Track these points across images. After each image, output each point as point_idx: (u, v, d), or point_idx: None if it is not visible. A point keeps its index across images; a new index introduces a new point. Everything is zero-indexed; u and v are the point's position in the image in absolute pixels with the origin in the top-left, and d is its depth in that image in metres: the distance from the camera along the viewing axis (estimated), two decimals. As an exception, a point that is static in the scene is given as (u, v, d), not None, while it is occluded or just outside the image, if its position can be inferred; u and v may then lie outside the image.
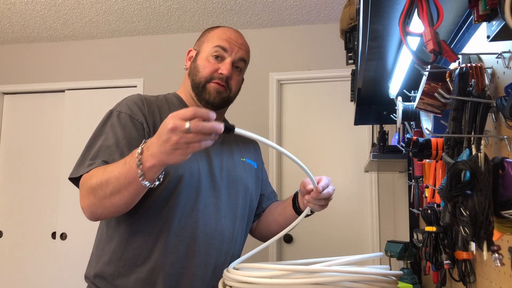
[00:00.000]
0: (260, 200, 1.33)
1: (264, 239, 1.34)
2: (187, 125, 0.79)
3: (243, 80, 1.30)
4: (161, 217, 1.07)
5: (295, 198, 1.21)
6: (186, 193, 1.08)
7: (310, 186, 1.08)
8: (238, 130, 0.85)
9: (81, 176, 1.02)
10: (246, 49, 1.23)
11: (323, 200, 1.09)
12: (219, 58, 1.18)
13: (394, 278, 0.87)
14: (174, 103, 1.22)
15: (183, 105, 1.22)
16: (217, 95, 1.18)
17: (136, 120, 1.10)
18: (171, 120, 0.81)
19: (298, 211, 1.20)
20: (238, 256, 1.20)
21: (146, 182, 0.89)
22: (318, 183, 1.07)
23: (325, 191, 1.07)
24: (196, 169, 1.11)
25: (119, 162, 0.94)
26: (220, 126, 0.81)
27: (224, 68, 1.16)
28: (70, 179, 1.05)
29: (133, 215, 1.06)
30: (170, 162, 0.86)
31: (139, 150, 0.88)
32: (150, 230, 1.06)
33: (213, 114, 0.82)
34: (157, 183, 0.94)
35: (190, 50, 1.26)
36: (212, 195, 1.13)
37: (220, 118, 1.29)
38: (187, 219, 1.08)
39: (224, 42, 1.18)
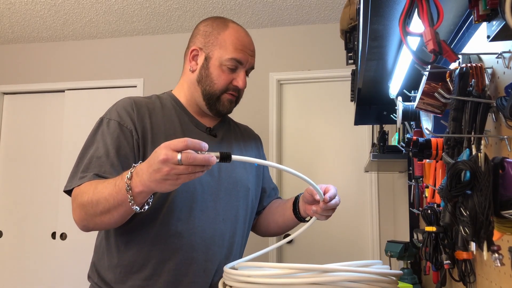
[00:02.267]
0: (260, 197, 1.31)
1: (262, 235, 1.35)
2: (178, 156, 0.79)
3: None
4: (155, 224, 1.05)
5: (295, 202, 1.19)
6: (180, 199, 1.07)
7: (318, 196, 1.06)
8: (235, 157, 0.84)
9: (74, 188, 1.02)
10: (255, 53, 1.21)
11: (330, 211, 1.07)
12: (233, 69, 1.15)
13: (394, 278, 0.87)
14: (168, 105, 1.18)
15: (178, 107, 1.19)
16: (230, 106, 1.18)
17: (126, 128, 1.08)
18: (163, 151, 0.80)
19: (298, 216, 1.19)
20: (239, 258, 1.19)
21: (136, 207, 0.90)
22: (325, 193, 1.05)
23: (332, 201, 1.04)
24: None
25: (109, 182, 0.93)
26: (213, 159, 0.81)
27: (241, 81, 1.15)
28: (65, 191, 1.05)
29: (129, 222, 1.05)
30: (159, 191, 0.86)
31: (128, 174, 0.88)
32: (144, 238, 1.05)
33: (205, 145, 0.82)
34: (146, 207, 0.94)
35: (195, 49, 1.18)
36: (210, 198, 1.11)
37: (222, 117, 1.27)
38: (184, 226, 1.06)
39: (240, 55, 1.14)
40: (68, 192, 1.04)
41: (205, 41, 1.17)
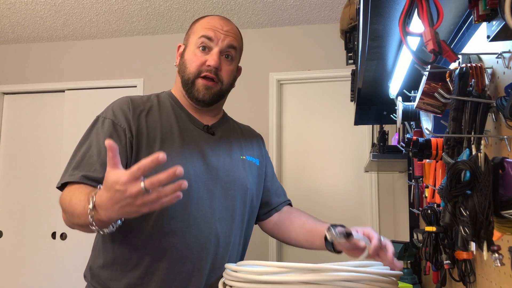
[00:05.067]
0: (266, 195, 1.29)
1: (277, 239, 1.32)
2: (142, 185, 0.74)
3: (239, 70, 1.25)
4: (150, 222, 1.05)
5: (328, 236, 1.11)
6: None
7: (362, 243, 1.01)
8: (355, 235, 0.85)
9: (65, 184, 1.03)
10: (234, 35, 1.18)
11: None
12: (206, 49, 1.14)
13: (394, 279, 0.87)
14: (166, 104, 1.18)
15: (176, 105, 1.19)
16: (206, 91, 1.14)
17: (119, 126, 1.08)
18: (128, 188, 0.75)
19: (333, 250, 1.14)
20: (237, 259, 1.18)
21: (104, 230, 0.90)
22: (370, 238, 1.01)
23: (390, 252, 0.99)
24: (186, 172, 1.04)
25: (82, 200, 0.90)
26: (179, 170, 0.73)
27: (211, 59, 1.12)
28: (58, 187, 1.06)
29: (124, 220, 1.04)
30: (130, 217, 0.84)
31: (90, 205, 0.84)
32: (139, 235, 1.05)
33: (163, 156, 0.73)
34: (113, 229, 0.91)
35: (179, 46, 1.22)
36: (206, 197, 1.10)
37: (217, 112, 1.25)
38: (178, 224, 1.05)
39: (209, 31, 1.14)
40: (61, 188, 1.05)
41: (186, 36, 1.21)
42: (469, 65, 0.74)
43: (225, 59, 1.16)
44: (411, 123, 1.39)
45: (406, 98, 1.24)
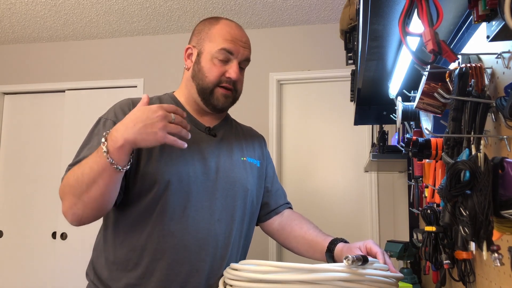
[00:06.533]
0: (266, 196, 1.29)
1: (278, 243, 1.32)
2: (173, 115, 0.92)
3: None
4: (149, 223, 1.06)
5: (331, 248, 1.13)
6: (174, 198, 1.07)
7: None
8: (370, 259, 0.85)
9: None
10: (249, 46, 1.19)
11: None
12: (225, 60, 1.15)
13: (394, 280, 0.87)
14: None
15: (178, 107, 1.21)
16: (225, 100, 1.16)
17: None
18: (160, 111, 0.91)
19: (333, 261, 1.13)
20: (237, 260, 1.18)
21: (118, 166, 0.92)
22: (372, 254, 1.01)
23: (390, 264, 0.98)
24: (186, 173, 1.09)
25: (86, 161, 0.96)
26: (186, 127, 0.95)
27: (233, 72, 1.14)
28: None
29: (124, 220, 1.07)
30: (141, 145, 0.91)
31: (103, 139, 0.92)
32: (138, 236, 1.06)
33: (183, 113, 0.96)
34: (128, 166, 0.95)
35: (189, 48, 1.20)
36: (205, 198, 1.10)
37: (222, 115, 1.26)
38: (176, 226, 1.06)
39: (230, 45, 1.13)
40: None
41: (198, 38, 1.19)
42: (468, 65, 0.74)
43: (239, 69, 1.18)
44: (411, 123, 1.39)
45: (406, 98, 1.24)
